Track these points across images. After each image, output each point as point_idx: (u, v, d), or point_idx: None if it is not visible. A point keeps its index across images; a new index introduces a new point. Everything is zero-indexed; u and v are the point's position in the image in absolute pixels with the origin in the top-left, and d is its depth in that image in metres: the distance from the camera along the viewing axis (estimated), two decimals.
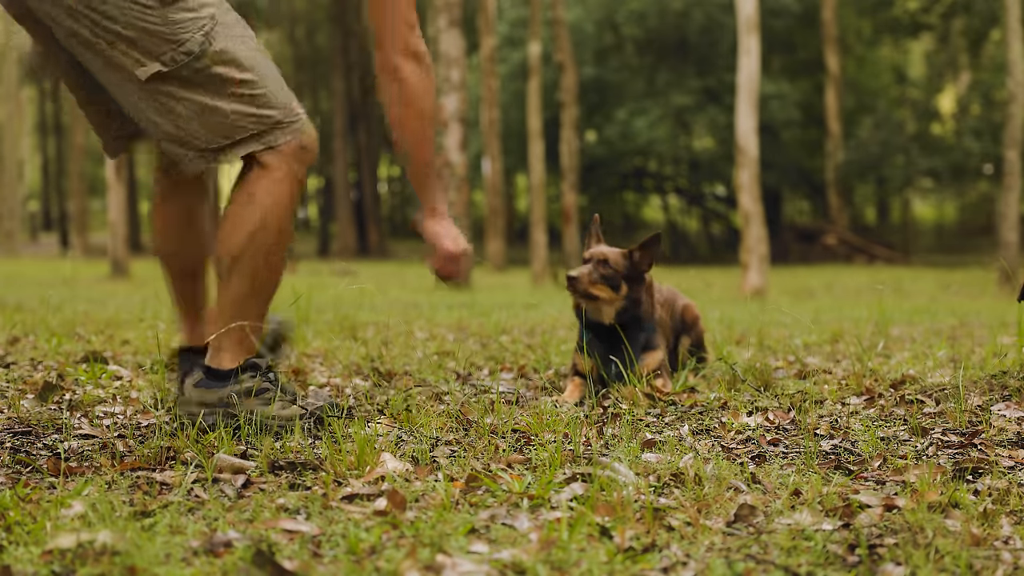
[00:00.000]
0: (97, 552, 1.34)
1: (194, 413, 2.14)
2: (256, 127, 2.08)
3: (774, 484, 1.79)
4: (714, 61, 28.73)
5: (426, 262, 2.35)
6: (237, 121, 2.06)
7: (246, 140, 2.08)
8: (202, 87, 2.03)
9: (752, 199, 12.46)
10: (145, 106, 2.06)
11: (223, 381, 2.15)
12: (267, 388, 2.17)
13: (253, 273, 2.13)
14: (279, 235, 2.13)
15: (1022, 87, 15.40)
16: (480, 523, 1.54)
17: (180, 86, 2.03)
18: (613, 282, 2.73)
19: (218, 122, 2.05)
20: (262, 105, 2.08)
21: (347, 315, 5.01)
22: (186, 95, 2.03)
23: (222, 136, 2.07)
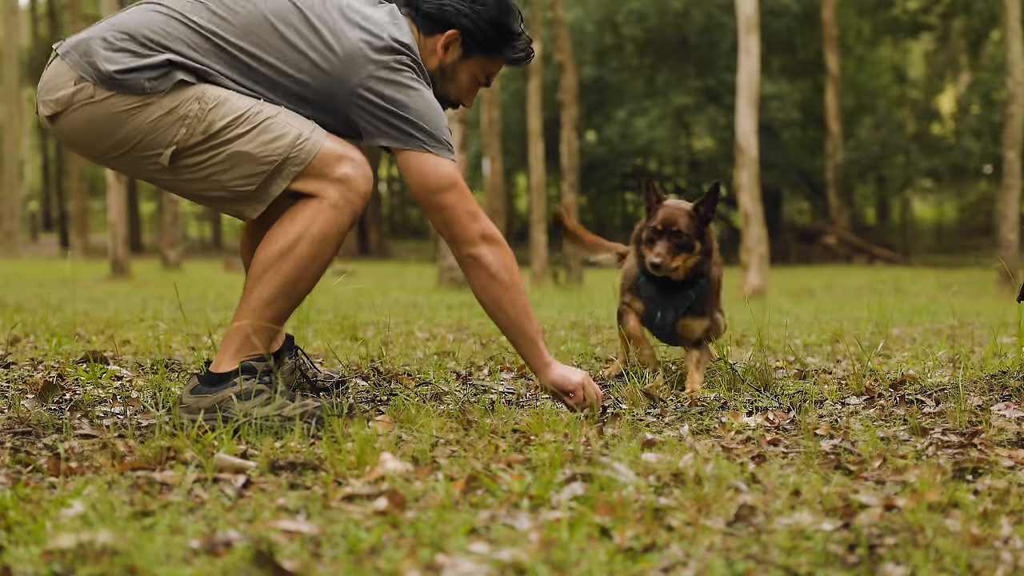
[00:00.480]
0: (97, 552, 1.34)
1: (189, 420, 2.16)
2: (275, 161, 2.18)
3: (774, 484, 1.79)
4: (714, 61, 28.74)
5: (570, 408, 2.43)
6: (264, 158, 2.18)
7: (272, 176, 2.19)
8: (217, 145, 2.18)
9: (752, 199, 12.46)
10: (187, 186, 2.24)
11: (217, 385, 2.18)
12: (263, 390, 2.18)
13: (276, 290, 2.19)
14: (311, 263, 2.20)
15: (1022, 87, 15.40)
16: (480, 523, 1.54)
17: (199, 153, 2.19)
18: (689, 247, 2.87)
19: (247, 167, 2.19)
20: (273, 140, 2.18)
21: (347, 315, 5.01)
22: (205, 158, 2.19)
23: (254, 178, 2.20)
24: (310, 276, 2.21)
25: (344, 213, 2.21)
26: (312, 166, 2.20)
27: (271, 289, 2.19)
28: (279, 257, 2.18)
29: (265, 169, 2.19)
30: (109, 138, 2.18)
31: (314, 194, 2.20)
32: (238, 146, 2.18)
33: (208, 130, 2.18)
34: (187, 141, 2.18)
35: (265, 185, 2.21)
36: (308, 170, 2.20)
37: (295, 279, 2.19)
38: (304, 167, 2.20)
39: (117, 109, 2.15)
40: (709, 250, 2.92)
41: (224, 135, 2.18)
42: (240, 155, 2.18)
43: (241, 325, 2.19)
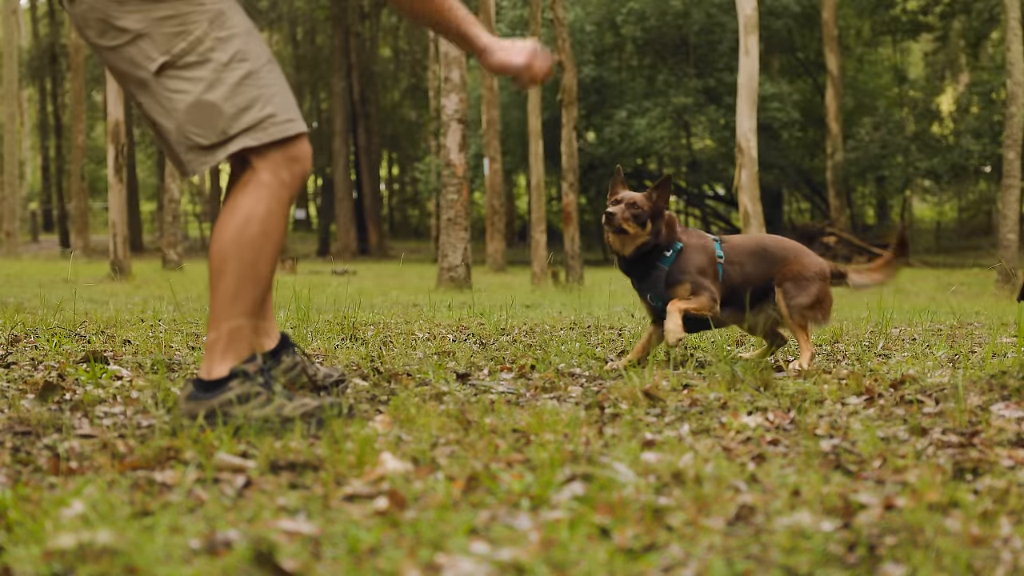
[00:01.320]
0: (97, 552, 1.34)
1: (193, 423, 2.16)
2: (250, 122, 2.14)
3: (774, 484, 1.79)
4: (714, 61, 28.74)
5: (515, 87, 2.52)
6: (234, 116, 2.13)
7: (239, 135, 2.13)
8: (201, 77, 2.12)
9: (752, 199, 12.46)
10: (155, 106, 2.16)
11: (212, 391, 2.17)
12: (260, 392, 2.17)
13: (239, 278, 2.16)
14: (264, 240, 2.17)
15: (1021, 87, 15.40)
16: (480, 523, 1.54)
17: (184, 72, 2.12)
18: (640, 219, 3.21)
19: (215, 116, 2.13)
20: (257, 100, 2.15)
21: (347, 315, 5.01)
22: (185, 85, 2.12)
23: (219, 131, 2.13)
24: (267, 255, 2.19)
25: (290, 185, 2.19)
26: (271, 146, 2.17)
27: (235, 280, 2.16)
28: (232, 244, 2.16)
29: (226, 129, 2.13)
30: (115, 21, 2.13)
31: (258, 169, 2.16)
32: (215, 94, 2.12)
33: (202, 57, 2.12)
34: (179, 59, 2.12)
35: (214, 149, 2.15)
36: (265, 149, 2.16)
37: (253, 261, 2.17)
38: (261, 145, 2.15)
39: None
40: (659, 233, 3.24)
41: (213, 70, 2.12)
42: (208, 105, 2.12)
43: (221, 324, 2.18)
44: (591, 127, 29.02)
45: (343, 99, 35.28)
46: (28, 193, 43.29)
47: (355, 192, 37.21)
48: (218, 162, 2.17)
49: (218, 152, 2.15)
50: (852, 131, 27.80)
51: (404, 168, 46.98)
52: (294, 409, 2.18)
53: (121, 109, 15.34)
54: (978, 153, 24.77)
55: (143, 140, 38.43)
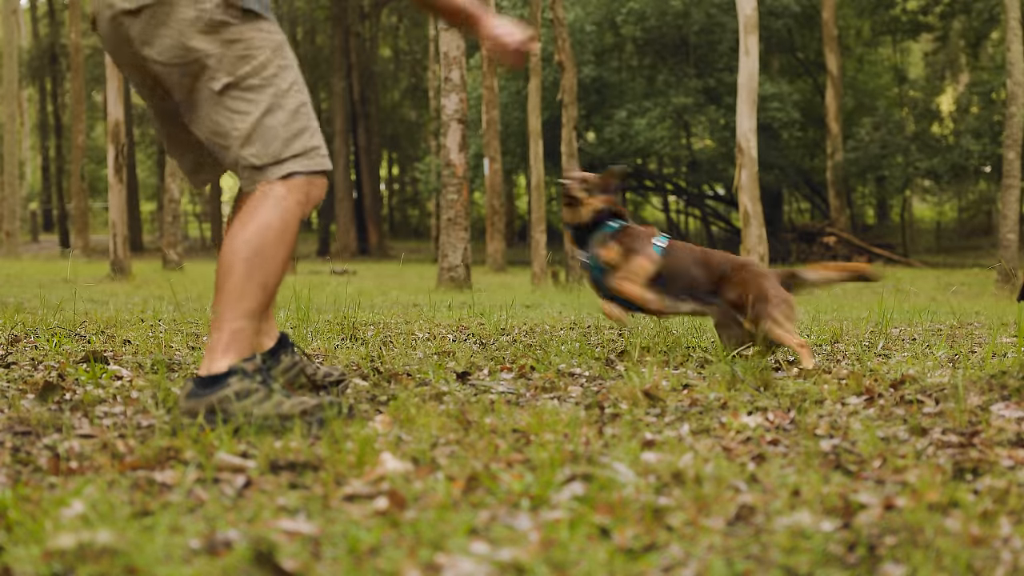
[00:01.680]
0: (97, 552, 1.34)
1: (193, 421, 2.17)
2: (299, 149, 2.26)
3: (774, 484, 1.79)
4: (714, 61, 28.73)
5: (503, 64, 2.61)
6: (287, 141, 2.24)
7: (289, 160, 2.25)
8: (263, 100, 2.23)
9: (752, 199, 12.46)
10: (216, 121, 2.24)
11: (211, 387, 2.18)
12: (258, 389, 2.19)
13: (248, 280, 2.21)
14: (278, 248, 2.24)
15: (1021, 87, 15.39)
16: (480, 523, 1.54)
17: (247, 94, 2.22)
18: (589, 190, 3.59)
19: (272, 139, 2.23)
20: (306, 130, 2.28)
21: (347, 315, 5.01)
22: (246, 107, 2.22)
23: (273, 155, 2.23)
24: (278, 263, 2.25)
25: (304, 207, 2.28)
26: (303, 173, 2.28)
27: (242, 282, 2.20)
28: (245, 246, 2.21)
29: (279, 153, 2.24)
30: (188, 41, 2.19)
31: (275, 184, 2.25)
32: (274, 118, 2.23)
33: (266, 81, 2.23)
34: (243, 80, 2.22)
35: (264, 169, 2.24)
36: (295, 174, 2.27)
37: (263, 267, 2.22)
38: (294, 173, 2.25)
39: (209, 17, 2.19)
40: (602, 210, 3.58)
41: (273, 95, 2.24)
42: (267, 128, 2.23)
43: (223, 324, 2.20)
44: (591, 127, 29.02)
45: (343, 99, 35.27)
46: (28, 193, 43.29)
47: (355, 192, 37.20)
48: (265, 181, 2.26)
49: (268, 172, 2.25)
50: (852, 131, 27.79)
51: (404, 168, 46.97)
52: (292, 407, 2.19)
53: (121, 109, 15.34)
54: (978, 153, 24.76)
55: (143, 140, 38.43)
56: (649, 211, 43.28)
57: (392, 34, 41.89)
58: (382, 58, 41.26)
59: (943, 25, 29.16)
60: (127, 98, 25.01)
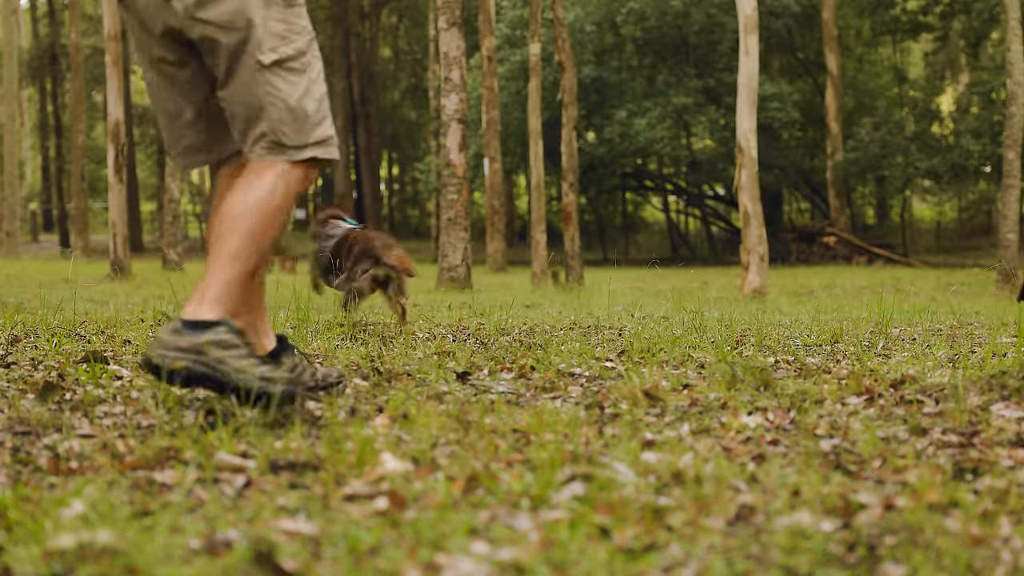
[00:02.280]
0: (97, 552, 1.34)
1: (165, 356, 2.15)
2: (320, 136, 2.34)
3: (774, 484, 1.79)
4: (714, 61, 28.73)
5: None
6: (313, 127, 2.33)
7: (311, 146, 2.32)
8: (301, 83, 2.32)
9: (752, 199, 12.46)
10: (255, 93, 2.29)
11: (198, 330, 2.18)
12: (240, 345, 2.20)
13: (247, 240, 2.25)
14: (278, 215, 2.29)
15: (1022, 87, 15.39)
16: (480, 523, 1.54)
17: (288, 75, 2.31)
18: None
19: (305, 122, 2.32)
20: (326, 119, 2.38)
21: (347, 315, 5.00)
22: (287, 87, 2.30)
23: (302, 137, 2.31)
24: (276, 229, 2.30)
25: (301, 190, 2.36)
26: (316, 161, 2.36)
27: (241, 241, 2.25)
28: (253, 207, 2.26)
29: (306, 137, 2.32)
30: (248, 9, 2.26)
31: (278, 163, 2.31)
32: (309, 103, 2.32)
33: (304, 66, 2.33)
34: (286, 61, 2.30)
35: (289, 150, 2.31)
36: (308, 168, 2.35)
37: (263, 230, 2.27)
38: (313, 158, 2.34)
39: None
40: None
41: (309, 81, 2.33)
42: (303, 111, 2.31)
43: (216, 277, 2.24)
44: (591, 127, 29.01)
45: (343, 99, 35.26)
46: (28, 193, 43.28)
47: (355, 192, 37.20)
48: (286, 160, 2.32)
49: (292, 153, 2.32)
50: (852, 131, 27.79)
51: (404, 168, 46.96)
52: (271, 370, 2.22)
53: (121, 109, 15.33)
54: (978, 153, 24.76)
55: (143, 140, 38.42)
56: (649, 211, 43.27)
57: (392, 34, 41.88)
58: (382, 58, 41.25)
59: (943, 25, 29.16)
60: (127, 98, 25.00)
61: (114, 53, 15.35)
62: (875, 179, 29.23)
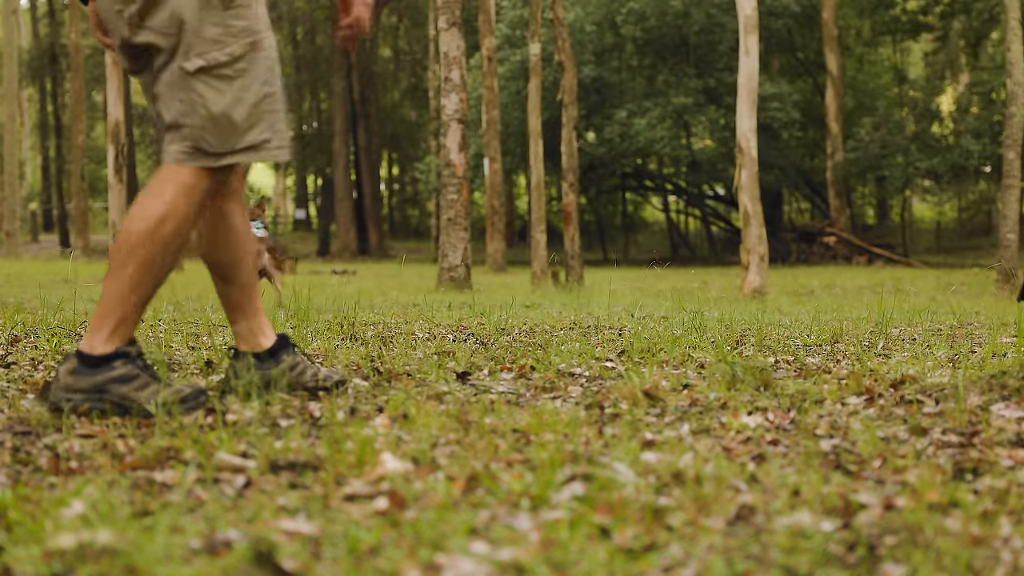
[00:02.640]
0: (97, 552, 1.34)
1: (71, 400, 2.23)
2: (250, 141, 2.29)
3: (774, 484, 1.79)
4: (714, 61, 28.74)
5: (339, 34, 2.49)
6: (242, 133, 2.27)
7: (239, 152, 2.28)
8: (230, 91, 2.25)
9: (752, 199, 12.46)
10: (179, 99, 2.26)
11: (95, 368, 2.23)
12: (138, 375, 2.25)
13: (144, 271, 2.25)
14: (174, 239, 2.26)
15: (1022, 87, 15.39)
16: (480, 523, 1.54)
17: (216, 82, 2.25)
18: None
19: (231, 131, 2.26)
20: (261, 122, 2.30)
21: (347, 315, 5.01)
22: (213, 96, 2.24)
23: (228, 145, 2.26)
24: (173, 254, 2.28)
25: (205, 201, 2.32)
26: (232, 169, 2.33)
27: (139, 272, 2.24)
28: (146, 237, 2.23)
29: (234, 145, 2.27)
30: (181, 12, 2.23)
31: (185, 169, 2.27)
32: (237, 112, 2.26)
33: (237, 73, 2.26)
34: (215, 68, 2.25)
35: (214, 156, 2.27)
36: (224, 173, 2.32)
37: (160, 259, 2.26)
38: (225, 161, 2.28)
39: None
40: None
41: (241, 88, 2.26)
42: (229, 120, 2.25)
43: (113, 309, 2.25)
44: (591, 127, 29.02)
45: (343, 99, 35.25)
46: (28, 193, 43.27)
47: (355, 192, 37.19)
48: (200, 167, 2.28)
49: (210, 160, 2.27)
50: (852, 131, 27.79)
51: (404, 168, 46.96)
52: (170, 395, 2.26)
53: (121, 109, 15.34)
54: (978, 153, 24.76)
55: (143, 140, 38.41)
56: (649, 211, 43.27)
57: (392, 34, 41.87)
58: (382, 58, 41.24)
59: (943, 25, 29.16)
60: (127, 98, 24.98)
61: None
62: (875, 179, 29.24)
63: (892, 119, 27.95)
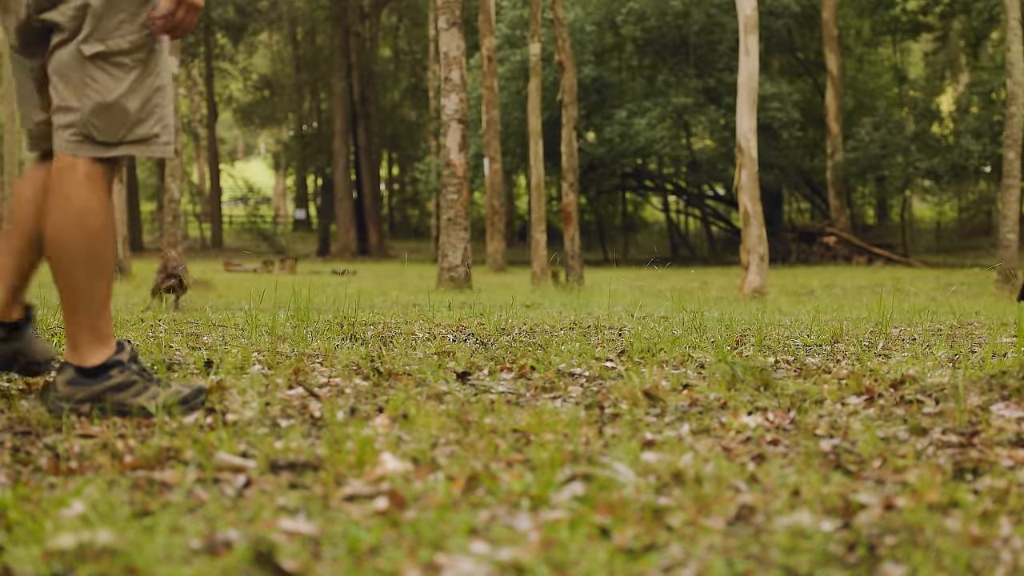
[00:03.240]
0: (97, 552, 1.34)
1: (64, 408, 2.24)
2: (140, 135, 2.27)
3: (774, 484, 1.79)
4: (714, 61, 28.74)
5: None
6: (132, 126, 2.26)
7: (127, 144, 2.26)
8: (127, 80, 2.23)
9: (752, 199, 12.46)
10: (73, 81, 2.22)
11: (93, 378, 2.24)
12: (135, 381, 2.27)
13: (91, 271, 2.24)
14: (105, 231, 2.25)
15: (1022, 87, 15.39)
16: (480, 523, 1.54)
17: (113, 69, 2.22)
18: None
19: (121, 122, 2.24)
20: (152, 115, 2.28)
21: (347, 315, 5.01)
22: (109, 83, 2.22)
23: (117, 136, 2.25)
24: (111, 244, 2.27)
25: (111, 180, 2.31)
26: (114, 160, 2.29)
27: (87, 274, 2.23)
28: (78, 238, 2.21)
29: (123, 136, 2.25)
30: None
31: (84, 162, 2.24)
32: (131, 102, 2.24)
33: (135, 62, 2.23)
34: (113, 56, 2.22)
35: (102, 146, 2.25)
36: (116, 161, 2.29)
37: (100, 253, 2.25)
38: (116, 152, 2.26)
39: None
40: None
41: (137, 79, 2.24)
42: (122, 110, 2.23)
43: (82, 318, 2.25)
44: (591, 127, 29.02)
45: (343, 99, 35.26)
46: None
47: (355, 192, 37.19)
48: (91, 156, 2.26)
49: (106, 151, 2.26)
50: (852, 131, 27.80)
51: (404, 168, 46.97)
52: (172, 395, 2.27)
53: None
54: (978, 153, 24.77)
55: None
56: (649, 211, 43.26)
57: (392, 34, 41.88)
58: (382, 58, 41.25)
59: (943, 25, 29.16)
60: None
61: None
62: (875, 179, 29.25)
63: (892, 119, 27.96)
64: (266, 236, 43.72)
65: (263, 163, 64.88)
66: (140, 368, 2.32)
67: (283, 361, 3.17)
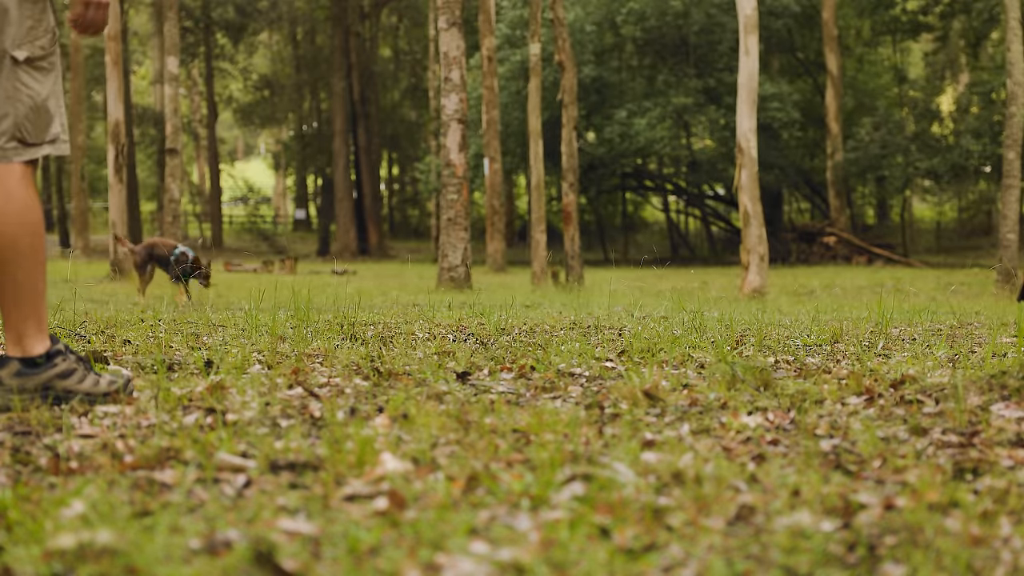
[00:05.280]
0: (97, 552, 1.34)
1: (13, 400, 2.33)
2: (54, 135, 2.38)
3: (774, 484, 1.79)
4: (714, 61, 28.74)
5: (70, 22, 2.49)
6: (47, 126, 2.36)
7: (46, 144, 2.36)
8: (46, 83, 2.35)
9: (752, 199, 12.46)
10: (8, 88, 2.32)
11: (39, 368, 2.35)
12: (76, 368, 2.39)
13: (33, 263, 2.34)
14: (39, 226, 2.36)
15: (1022, 87, 15.39)
16: (480, 523, 1.54)
17: (37, 73, 2.33)
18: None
19: (47, 122, 2.36)
20: (57, 115, 2.40)
21: (347, 315, 5.01)
22: (36, 86, 2.33)
23: (41, 136, 2.35)
24: (42, 239, 2.36)
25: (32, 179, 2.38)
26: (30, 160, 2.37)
27: (30, 265, 2.33)
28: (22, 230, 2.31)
29: (44, 136, 2.34)
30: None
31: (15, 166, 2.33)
32: (51, 102, 2.35)
33: (51, 65, 2.35)
34: (36, 60, 2.32)
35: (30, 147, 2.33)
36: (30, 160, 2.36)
37: (40, 246, 2.35)
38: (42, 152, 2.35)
39: None
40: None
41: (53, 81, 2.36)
42: (46, 110, 2.34)
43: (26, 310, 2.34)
44: (591, 127, 29.02)
45: (343, 99, 35.25)
46: None
47: (355, 192, 37.18)
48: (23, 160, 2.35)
49: (33, 151, 2.35)
50: (852, 131, 27.80)
51: (404, 168, 46.97)
52: (109, 384, 2.41)
53: (121, 109, 15.34)
54: (978, 153, 24.77)
55: (143, 140, 38.41)
56: (649, 211, 43.26)
57: (392, 34, 41.88)
58: (382, 58, 41.25)
59: (943, 25, 29.16)
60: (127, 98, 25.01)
61: (114, 53, 15.35)
62: (875, 179, 29.25)
63: (892, 119, 27.96)
64: (266, 236, 43.72)
65: (263, 163, 64.88)
66: (76, 356, 2.43)
67: (283, 361, 3.17)
